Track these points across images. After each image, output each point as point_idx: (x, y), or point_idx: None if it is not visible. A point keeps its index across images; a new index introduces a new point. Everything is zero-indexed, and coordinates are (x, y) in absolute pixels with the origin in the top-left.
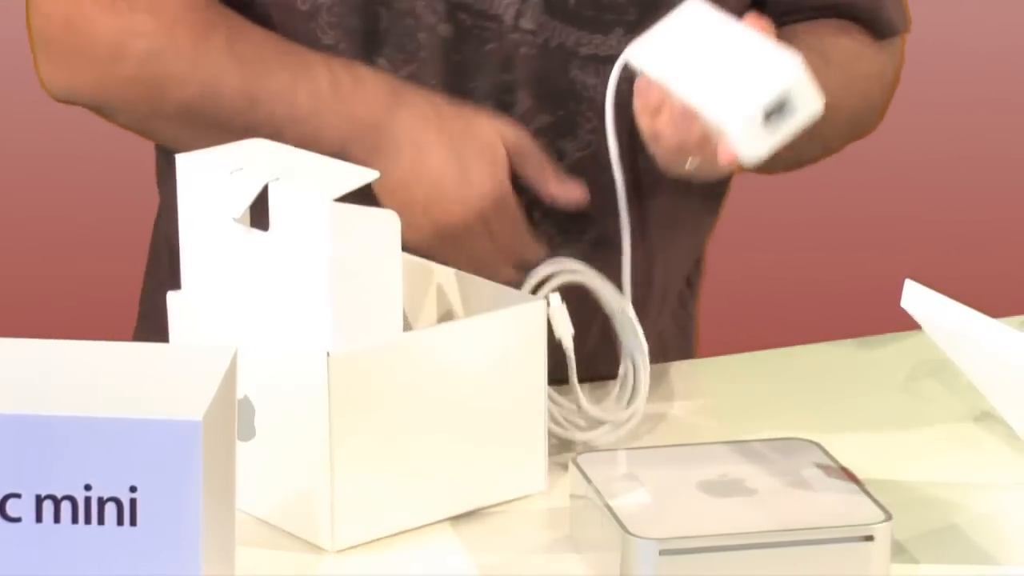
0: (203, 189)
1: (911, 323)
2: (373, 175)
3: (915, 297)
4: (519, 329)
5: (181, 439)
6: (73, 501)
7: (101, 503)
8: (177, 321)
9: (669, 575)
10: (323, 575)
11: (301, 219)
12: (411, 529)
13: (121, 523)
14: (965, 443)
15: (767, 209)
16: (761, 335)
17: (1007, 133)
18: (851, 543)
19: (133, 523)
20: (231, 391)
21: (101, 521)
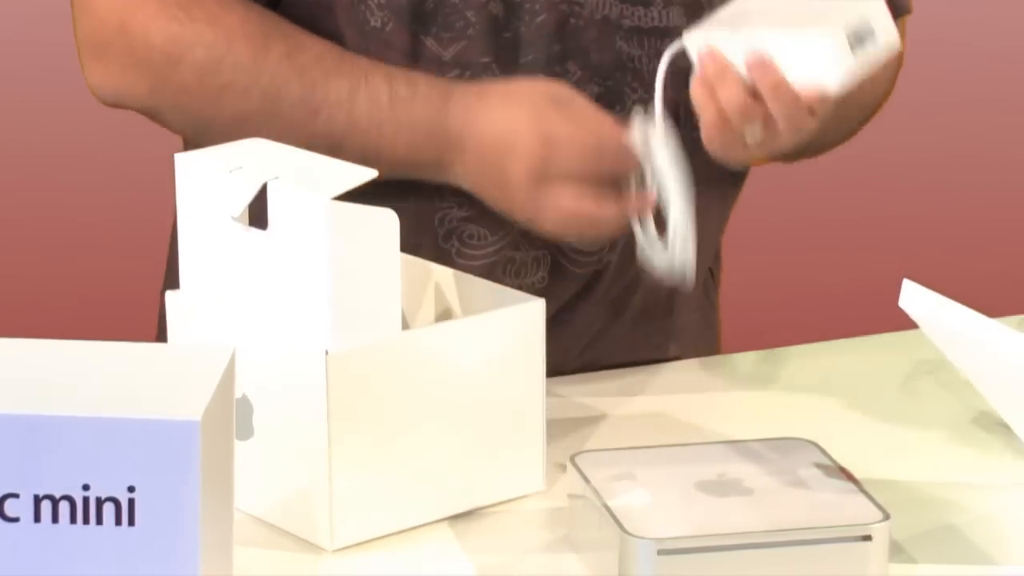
0: (202, 188)
1: (910, 323)
2: (371, 174)
3: (913, 297)
4: (518, 329)
5: (179, 439)
6: (71, 501)
7: (99, 503)
8: (176, 320)
9: (667, 575)
10: (322, 575)
11: (300, 218)
12: (409, 528)
13: (119, 523)
14: (963, 443)
15: (767, 210)
16: (761, 335)
17: (1007, 133)
18: (849, 543)
19: (131, 523)
20: (229, 391)
21: (99, 521)
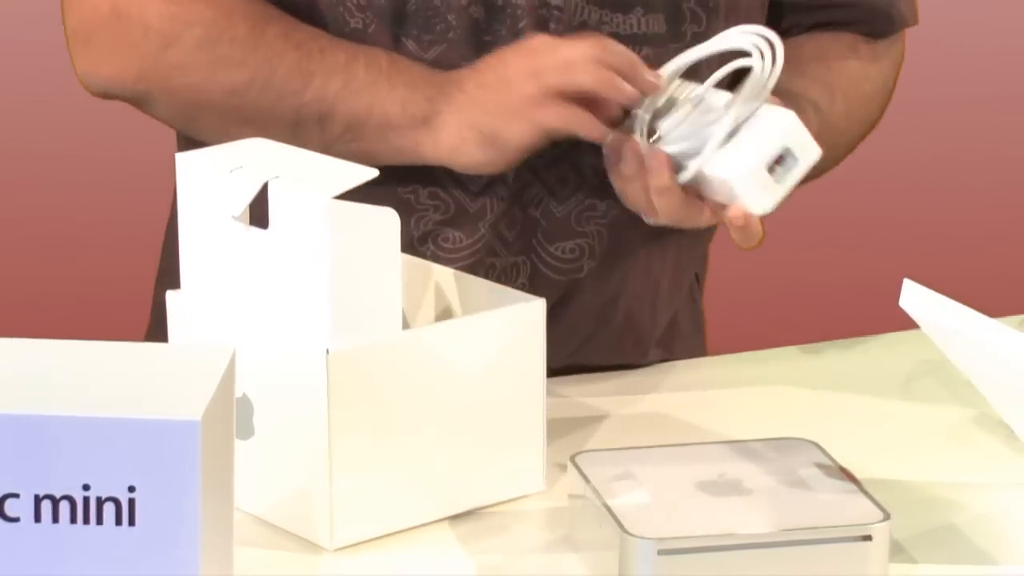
0: (202, 187)
1: (910, 323)
2: (372, 173)
3: (913, 297)
4: (518, 328)
5: (180, 439)
6: (72, 501)
7: (100, 503)
8: (176, 319)
9: (667, 575)
10: (322, 575)
11: (300, 217)
12: (409, 528)
13: (120, 523)
14: (964, 443)
15: None
16: (761, 335)
17: (1007, 133)
18: (849, 543)
19: (132, 523)
20: (230, 391)
21: (100, 521)
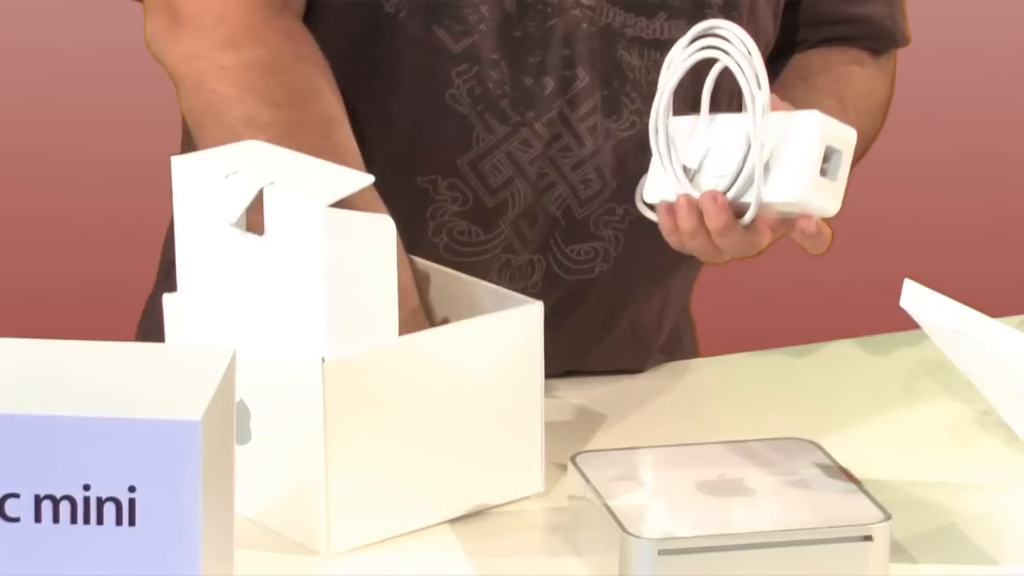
0: (199, 192)
1: (911, 323)
2: (368, 179)
3: (914, 297)
4: (516, 332)
5: (180, 439)
6: (72, 501)
7: (100, 503)
8: (173, 324)
9: (667, 575)
10: (316, 574)
11: (296, 224)
12: (408, 532)
13: (120, 523)
14: (964, 443)
15: None
16: (761, 335)
17: (1007, 133)
18: (850, 543)
19: (132, 523)
20: (230, 391)
21: (100, 521)
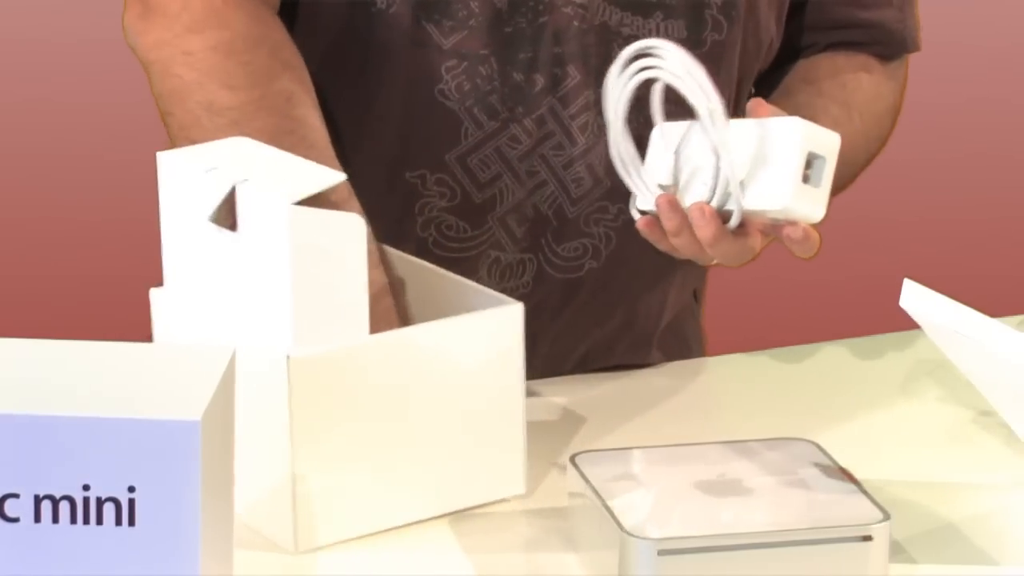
0: (182, 187)
1: (910, 323)
2: (340, 177)
3: (914, 297)
4: (493, 333)
5: (180, 439)
6: (71, 501)
7: (99, 503)
8: (159, 317)
9: (667, 575)
10: (316, 574)
11: (264, 221)
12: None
13: (120, 523)
14: (964, 443)
15: None
16: (761, 335)
17: (1007, 133)
18: (849, 543)
19: (131, 523)
20: (230, 391)
21: (100, 521)
